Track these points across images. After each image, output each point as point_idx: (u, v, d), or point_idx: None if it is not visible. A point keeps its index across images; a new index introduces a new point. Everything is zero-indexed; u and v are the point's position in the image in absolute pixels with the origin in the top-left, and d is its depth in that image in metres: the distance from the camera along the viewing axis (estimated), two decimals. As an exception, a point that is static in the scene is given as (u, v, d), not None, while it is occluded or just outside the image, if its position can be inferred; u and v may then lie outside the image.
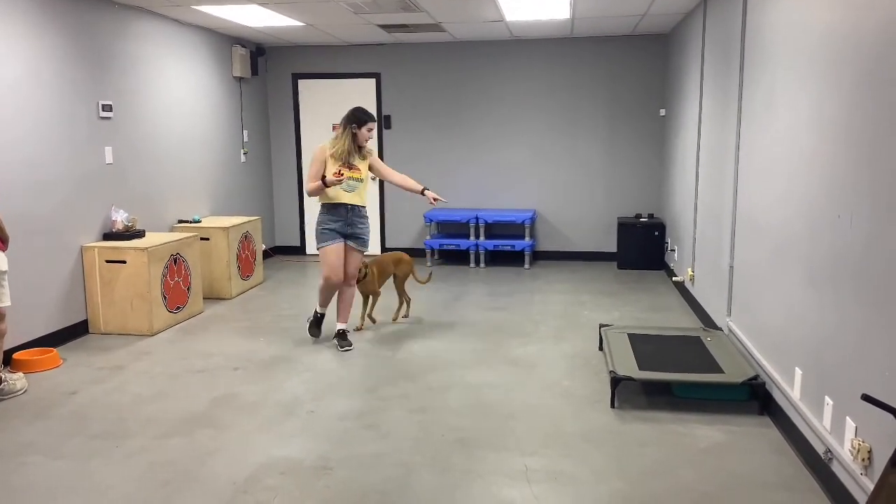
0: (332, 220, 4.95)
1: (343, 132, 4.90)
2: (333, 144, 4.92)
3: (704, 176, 5.74)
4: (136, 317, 5.40)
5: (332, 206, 4.94)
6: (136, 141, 6.09)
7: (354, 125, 4.87)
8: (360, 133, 4.89)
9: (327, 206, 4.96)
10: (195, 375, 4.54)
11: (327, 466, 3.28)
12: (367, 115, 4.94)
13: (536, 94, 8.27)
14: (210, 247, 6.51)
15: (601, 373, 4.48)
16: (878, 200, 2.55)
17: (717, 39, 5.32)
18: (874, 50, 2.62)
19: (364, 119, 4.90)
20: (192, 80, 6.97)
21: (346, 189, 4.90)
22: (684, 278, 6.42)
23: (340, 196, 4.90)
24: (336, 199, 4.91)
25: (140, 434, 3.65)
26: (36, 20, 4.92)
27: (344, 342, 5.07)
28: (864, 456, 2.60)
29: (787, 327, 3.54)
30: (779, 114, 3.75)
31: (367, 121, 4.90)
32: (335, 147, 4.89)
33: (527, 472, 3.22)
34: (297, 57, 8.60)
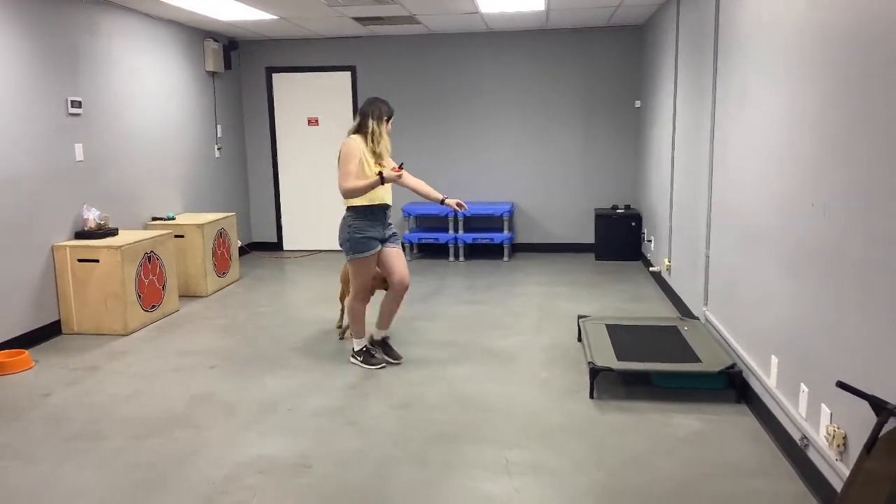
0: (371, 224, 4.35)
1: (376, 125, 4.31)
2: (374, 139, 4.31)
3: (680, 167, 5.78)
4: (111, 316, 5.32)
5: (371, 208, 4.34)
6: (108, 138, 5.99)
7: (385, 118, 4.37)
8: (386, 127, 4.41)
9: (365, 209, 4.33)
10: (172, 375, 4.48)
11: (306, 464, 3.26)
12: (391, 107, 4.47)
13: (513, 87, 8.27)
14: (185, 244, 6.43)
15: (580, 364, 4.49)
16: (852, 189, 2.58)
17: (691, 31, 5.34)
18: (846, 42, 2.64)
19: (391, 112, 4.44)
20: (163, 75, 6.86)
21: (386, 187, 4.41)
22: (661, 268, 6.46)
23: (383, 195, 4.37)
24: (379, 199, 4.35)
25: (116, 435, 3.60)
26: (2, 17, 4.80)
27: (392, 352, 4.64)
28: (840, 442, 2.63)
29: (763, 316, 3.57)
30: (752, 105, 3.77)
31: (392, 114, 4.45)
32: (377, 143, 4.32)
33: (507, 464, 3.22)
34: (271, 51, 8.51)
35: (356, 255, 4.35)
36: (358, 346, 4.60)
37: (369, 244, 4.34)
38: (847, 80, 2.62)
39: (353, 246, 4.34)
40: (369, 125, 4.32)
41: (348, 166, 4.25)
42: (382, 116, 4.37)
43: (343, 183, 4.25)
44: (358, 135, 4.35)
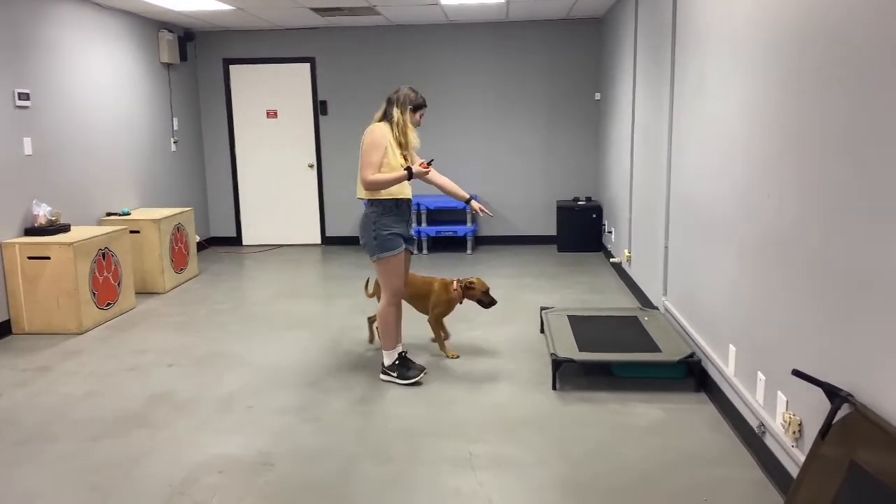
0: (397, 221, 4.03)
1: (402, 115, 3.97)
2: (399, 128, 3.97)
3: (639, 159, 5.83)
4: (63, 315, 5.18)
5: (396, 203, 4.00)
6: (58, 131, 5.81)
7: (411, 108, 4.00)
8: (413, 119, 4.04)
9: (390, 203, 3.98)
10: (127, 374, 4.38)
11: (268, 462, 3.21)
12: (422, 99, 4.08)
13: (474, 79, 8.25)
14: (141, 240, 6.29)
15: (543, 355, 4.51)
16: (806, 181, 2.62)
17: (650, 23, 5.38)
18: (798, 36, 2.68)
19: (420, 102, 4.04)
20: (116, 66, 6.68)
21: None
22: (621, 259, 6.52)
23: (406, 190, 4.03)
24: (402, 193, 4.01)
25: (69, 437, 3.50)
26: (-59, 3, 4.62)
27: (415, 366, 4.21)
28: (795, 429, 2.68)
29: (721, 305, 3.62)
30: (709, 97, 3.81)
31: (422, 104, 4.05)
32: (404, 133, 3.98)
33: (471, 458, 3.21)
34: (228, 42, 8.35)
35: (385, 254, 3.98)
36: (389, 360, 4.14)
37: (396, 241, 4.01)
38: (800, 73, 2.66)
39: (382, 244, 3.98)
40: (394, 113, 3.97)
41: (372, 156, 3.87)
42: (407, 105, 3.99)
43: (365, 174, 3.87)
44: (384, 122, 4.00)
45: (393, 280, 4.07)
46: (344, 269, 7.32)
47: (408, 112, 4.00)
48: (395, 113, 3.98)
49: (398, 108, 3.98)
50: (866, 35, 2.19)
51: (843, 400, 2.25)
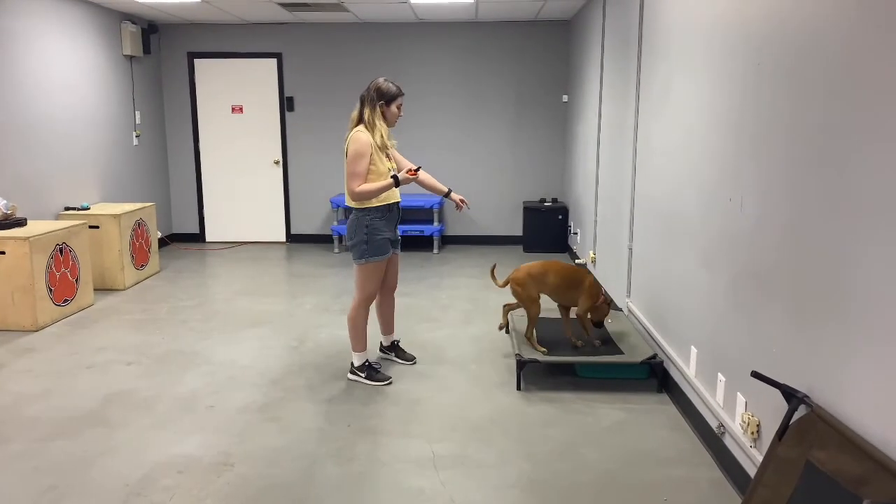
0: (388, 225, 3.98)
1: (371, 114, 3.85)
2: (374, 131, 3.86)
3: (605, 161, 5.88)
4: (18, 311, 5.04)
5: (387, 207, 3.95)
6: (15, 123, 5.65)
7: (382, 103, 3.85)
8: (390, 112, 3.90)
9: (380, 208, 3.91)
10: (85, 372, 4.28)
11: (228, 462, 3.16)
12: (396, 88, 3.90)
13: (443, 79, 8.24)
14: (100, 235, 6.15)
15: (508, 356, 4.52)
16: (766, 185, 2.66)
17: (617, 27, 5.43)
18: (759, 42, 2.72)
19: (393, 94, 3.87)
20: (77, 58, 6.52)
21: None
22: (587, 260, 6.58)
23: (395, 194, 3.98)
24: (391, 198, 3.96)
25: (21, 437, 3.40)
26: None
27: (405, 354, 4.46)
28: (754, 430, 2.72)
29: (683, 307, 3.66)
30: (674, 101, 3.86)
31: (396, 94, 3.88)
32: (376, 135, 3.85)
33: (434, 458, 3.20)
34: (193, 35, 8.22)
35: (372, 259, 3.94)
36: (359, 361, 4.11)
37: (386, 247, 3.98)
38: (761, 77, 2.70)
39: (371, 249, 3.92)
40: (365, 114, 3.85)
41: (357, 166, 3.78)
42: (377, 100, 3.84)
43: (352, 186, 3.80)
44: (363, 126, 3.87)
45: (369, 285, 4.03)
46: (309, 268, 7.25)
47: (378, 108, 3.86)
48: (366, 113, 3.86)
49: (367, 107, 3.86)
50: (830, 39, 2.23)
51: (800, 401, 2.30)
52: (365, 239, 3.91)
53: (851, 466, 1.96)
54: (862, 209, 2.04)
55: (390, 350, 4.50)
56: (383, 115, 3.89)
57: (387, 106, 3.88)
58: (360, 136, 3.82)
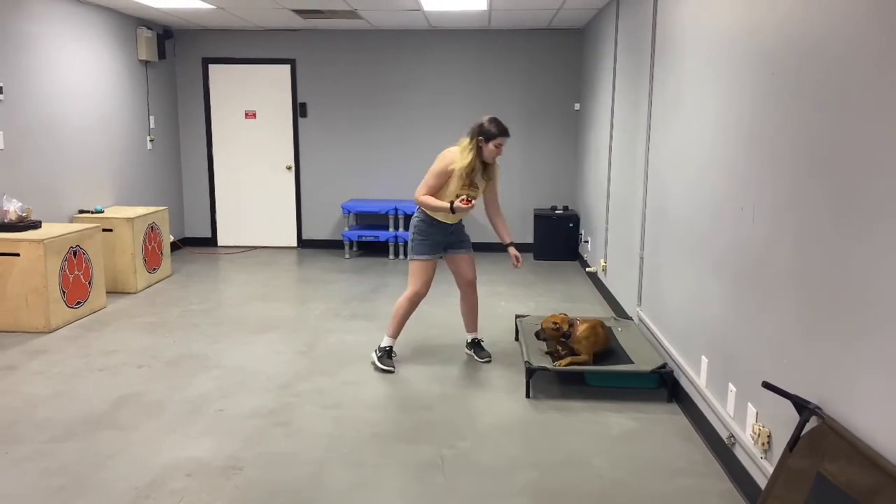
0: (434, 229, 4.33)
1: (469, 144, 4.16)
2: (462, 157, 4.16)
3: (616, 169, 5.87)
4: (31, 313, 5.08)
5: (439, 221, 4.33)
6: (31, 126, 5.71)
7: (481, 138, 4.14)
8: (486, 148, 4.15)
9: (435, 219, 4.32)
10: (96, 374, 4.30)
11: (237, 466, 3.17)
12: (498, 129, 4.14)
13: (455, 86, 8.26)
14: (113, 238, 6.20)
15: (517, 363, 4.51)
16: (778, 194, 2.65)
17: (629, 36, 5.43)
18: (772, 51, 2.71)
19: (492, 133, 4.13)
20: (93, 62, 6.59)
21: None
22: (597, 269, 6.56)
23: (450, 216, 4.31)
24: (447, 220, 4.33)
25: (32, 438, 3.43)
26: (-87, -8, 4.53)
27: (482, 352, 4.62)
28: (764, 441, 2.70)
29: (694, 317, 3.65)
30: (687, 110, 3.85)
31: (495, 135, 4.13)
32: (463, 161, 4.14)
33: (443, 464, 3.20)
34: (208, 41, 8.29)
35: (416, 257, 4.35)
36: (385, 344, 4.50)
37: (428, 249, 4.33)
38: (774, 87, 2.69)
39: (416, 247, 4.35)
40: (465, 141, 4.20)
41: (430, 179, 4.20)
42: (477, 135, 4.15)
43: (418, 192, 4.24)
44: (459, 148, 4.21)
45: (416, 280, 4.38)
46: (319, 273, 7.27)
47: (476, 141, 4.16)
48: (467, 140, 4.19)
49: (470, 136, 4.19)
50: (842, 48, 2.23)
51: (812, 412, 2.28)
52: (413, 238, 4.36)
53: (863, 478, 1.94)
54: (875, 219, 2.03)
55: (470, 347, 4.69)
56: (479, 149, 4.17)
57: (485, 143, 4.16)
58: (447, 154, 4.23)
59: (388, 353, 4.47)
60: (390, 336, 4.49)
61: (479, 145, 4.17)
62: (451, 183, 4.20)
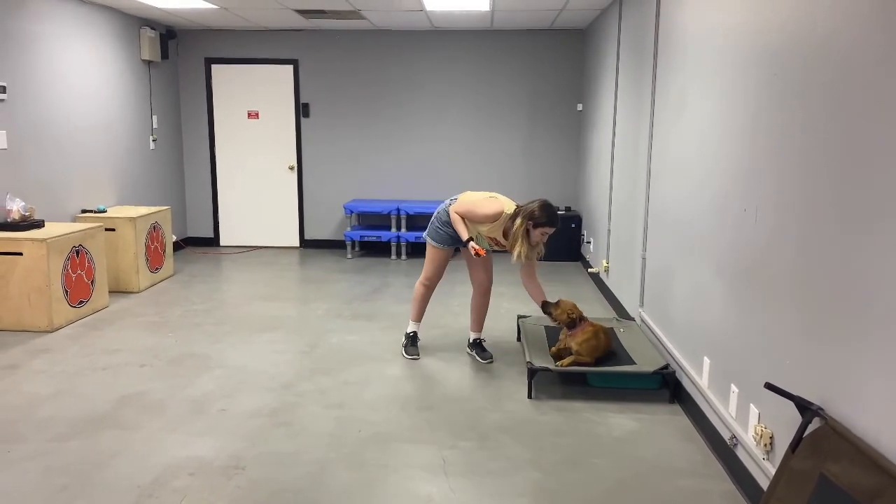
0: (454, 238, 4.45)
1: (519, 223, 4.18)
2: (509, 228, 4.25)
3: (619, 170, 5.87)
4: (34, 312, 5.09)
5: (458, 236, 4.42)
6: (34, 125, 5.72)
7: (530, 222, 4.17)
8: (533, 232, 4.20)
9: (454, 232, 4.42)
10: (98, 373, 4.31)
11: (239, 466, 3.17)
12: (550, 219, 4.19)
13: (457, 86, 8.26)
14: (116, 238, 6.20)
15: (519, 364, 4.51)
16: (781, 196, 2.65)
17: (632, 36, 5.43)
18: (775, 53, 2.71)
19: (542, 221, 4.17)
20: (96, 62, 6.60)
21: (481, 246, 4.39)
22: (599, 270, 6.56)
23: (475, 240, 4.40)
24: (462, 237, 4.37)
25: (34, 437, 3.43)
26: (-83, -8, 4.54)
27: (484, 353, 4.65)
28: (767, 442, 2.70)
29: (696, 317, 3.64)
30: (689, 111, 3.85)
31: (544, 224, 4.17)
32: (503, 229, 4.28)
33: (444, 464, 3.20)
34: (211, 41, 8.29)
35: (432, 242, 4.52)
36: (409, 329, 4.73)
37: (444, 238, 4.48)
38: (776, 89, 2.69)
39: (433, 233, 4.51)
40: (516, 221, 4.21)
41: (473, 208, 4.29)
42: (527, 218, 4.17)
43: (458, 207, 4.34)
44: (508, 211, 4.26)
45: (429, 266, 4.60)
46: (321, 273, 7.28)
47: (525, 223, 4.17)
48: (517, 222, 4.19)
49: (521, 219, 4.19)
50: (845, 49, 2.23)
51: (814, 414, 2.28)
52: (434, 224, 4.53)
53: (865, 480, 1.94)
54: (876, 219, 2.02)
55: (472, 348, 4.73)
56: (527, 231, 4.20)
57: (532, 228, 4.19)
58: (498, 204, 4.28)
59: (412, 339, 4.71)
60: (413, 320, 4.73)
61: (528, 227, 4.18)
62: (486, 227, 4.31)
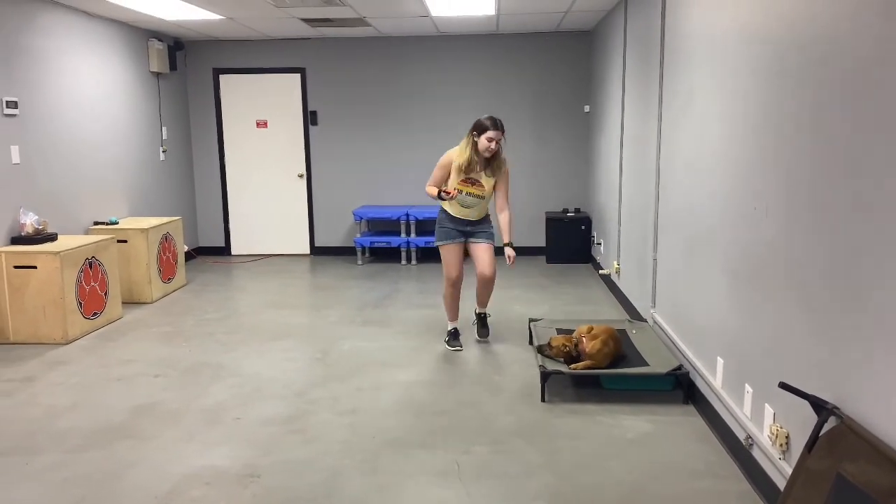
0: (455, 225, 4.80)
1: (466, 141, 4.58)
2: (460, 153, 4.62)
3: (628, 171, 5.86)
4: (49, 324, 5.13)
5: (451, 216, 4.79)
6: (46, 139, 5.78)
7: (475, 133, 4.52)
8: (480, 142, 4.50)
9: (450, 214, 4.78)
10: (113, 384, 4.34)
11: (254, 474, 3.19)
12: (491, 123, 4.50)
13: (465, 90, 8.28)
14: (128, 249, 6.25)
15: (531, 367, 4.51)
16: (791, 193, 2.64)
17: (638, 37, 5.43)
18: (782, 51, 2.71)
19: (484, 126, 4.49)
20: (105, 75, 6.66)
21: (464, 205, 4.69)
22: (610, 271, 6.54)
23: (459, 211, 4.73)
24: (459, 214, 4.75)
25: (52, 448, 3.46)
26: (-71, 10, 4.60)
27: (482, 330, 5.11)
28: (783, 442, 2.69)
29: (709, 318, 3.63)
30: (697, 110, 3.84)
31: (487, 128, 4.49)
32: (460, 158, 4.60)
33: (458, 469, 3.20)
34: (218, 51, 8.35)
35: (438, 242, 4.86)
36: (450, 327, 5.04)
37: (444, 235, 4.80)
38: (783, 87, 2.68)
39: (437, 235, 4.86)
40: (463, 140, 4.65)
41: (435, 171, 4.78)
42: (472, 131, 4.59)
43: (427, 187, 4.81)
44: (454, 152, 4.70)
45: (444, 266, 4.88)
46: (332, 280, 7.30)
47: (471, 137, 4.58)
48: (465, 142, 4.63)
49: (466, 138, 4.62)
50: (853, 46, 2.22)
51: (830, 412, 2.26)
52: (436, 227, 4.87)
53: (883, 479, 1.93)
54: (892, 216, 2.01)
55: (477, 319, 5.14)
56: (475, 144, 4.56)
57: (478, 136, 4.53)
58: (448, 152, 4.74)
59: (453, 334, 4.96)
60: (450, 321, 5.03)
61: (474, 139, 4.54)
62: (452, 176, 4.67)
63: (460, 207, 4.70)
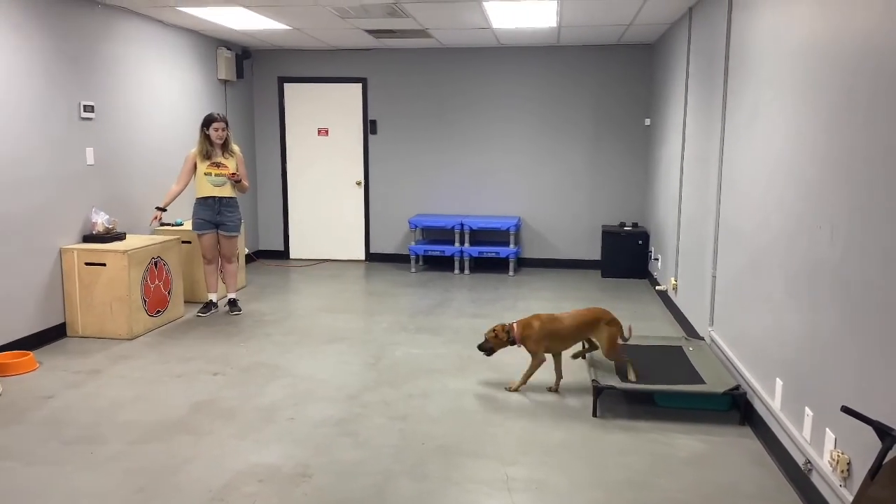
0: (204, 212, 5.93)
1: (201, 136, 5.88)
2: (197, 146, 5.92)
3: (688, 186, 5.77)
4: (115, 320, 5.34)
5: (202, 199, 5.92)
6: (118, 142, 6.02)
7: (205, 127, 5.84)
8: (210, 133, 5.81)
9: (198, 199, 5.93)
10: (174, 380, 4.48)
11: (306, 473, 3.25)
12: (214, 115, 5.86)
13: (523, 102, 8.29)
14: (192, 250, 6.45)
15: (584, 381, 4.47)
16: (857, 213, 2.57)
17: (702, 50, 5.35)
18: (851, 65, 2.64)
19: (210, 119, 5.83)
20: (176, 81, 6.91)
21: (215, 185, 5.86)
22: (667, 287, 6.44)
23: (212, 190, 5.88)
24: (202, 192, 5.90)
25: (115, 440, 3.60)
26: (17, 20, 4.85)
27: (234, 308, 6.22)
28: (844, 468, 2.60)
29: (768, 337, 3.55)
30: (761, 126, 3.77)
31: (213, 120, 5.82)
32: (197, 148, 5.90)
33: (507, 480, 3.20)
34: (284, 60, 8.57)
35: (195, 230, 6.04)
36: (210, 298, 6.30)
37: (198, 226, 5.98)
38: (852, 104, 2.62)
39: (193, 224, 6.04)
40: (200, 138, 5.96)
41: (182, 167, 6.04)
42: (202, 126, 5.90)
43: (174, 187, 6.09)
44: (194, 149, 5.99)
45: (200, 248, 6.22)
46: (386, 286, 7.38)
47: (202, 131, 5.88)
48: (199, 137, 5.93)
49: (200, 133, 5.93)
50: (926, 67, 2.15)
51: (895, 439, 2.19)
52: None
53: (951, 511, 1.85)
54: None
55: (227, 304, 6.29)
56: (207, 137, 5.85)
57: (207, 129, 5.83)
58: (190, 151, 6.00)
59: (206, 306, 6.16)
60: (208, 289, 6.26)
61: (205, 132, 5.83)
62: (198, 166, 5.84)
63: (212, 187, 5.83)
